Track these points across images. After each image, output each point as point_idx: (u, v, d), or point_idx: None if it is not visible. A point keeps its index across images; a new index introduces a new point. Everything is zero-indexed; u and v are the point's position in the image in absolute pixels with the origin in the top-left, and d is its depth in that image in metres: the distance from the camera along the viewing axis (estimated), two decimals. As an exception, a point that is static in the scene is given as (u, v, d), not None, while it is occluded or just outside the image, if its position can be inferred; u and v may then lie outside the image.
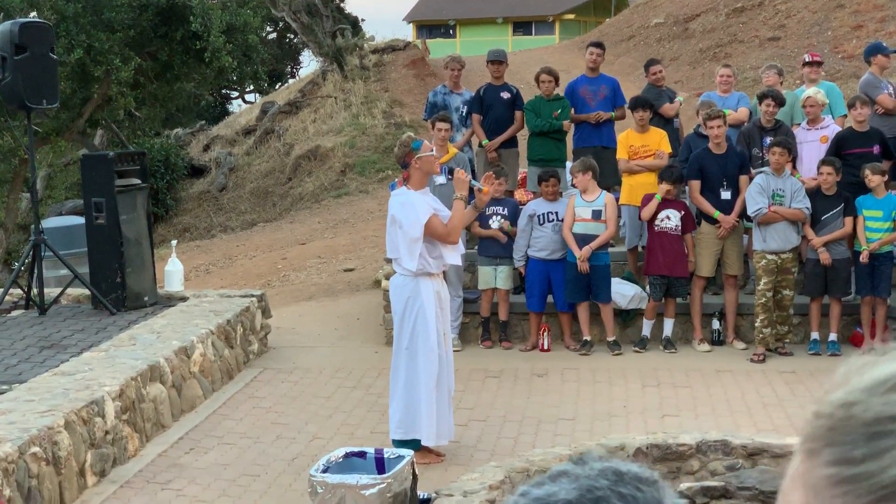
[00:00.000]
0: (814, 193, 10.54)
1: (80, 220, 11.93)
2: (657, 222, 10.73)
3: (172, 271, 11.49)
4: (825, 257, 10.41)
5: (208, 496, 7.21)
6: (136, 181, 10.59)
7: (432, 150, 7.69)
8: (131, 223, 10.41)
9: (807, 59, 12.26)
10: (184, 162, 26.34)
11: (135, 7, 20.91)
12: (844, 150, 10.91)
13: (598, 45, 12.49)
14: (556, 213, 10.85)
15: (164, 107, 25.86)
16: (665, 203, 10.70)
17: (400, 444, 7.48)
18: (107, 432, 7.50)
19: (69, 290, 10.97)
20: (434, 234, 7.53)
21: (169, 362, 8.68)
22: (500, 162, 11.55)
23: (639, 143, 11.32)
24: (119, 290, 10.35)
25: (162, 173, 24.90)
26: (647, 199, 10.77)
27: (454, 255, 7.76)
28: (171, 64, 22.44)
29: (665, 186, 10.65)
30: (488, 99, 11.97)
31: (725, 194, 10.73)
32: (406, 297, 7.64)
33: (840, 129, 11.39)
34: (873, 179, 10.37)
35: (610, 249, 10.98)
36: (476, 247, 11.31)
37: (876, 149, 10.90)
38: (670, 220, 10.71)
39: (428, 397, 7.60)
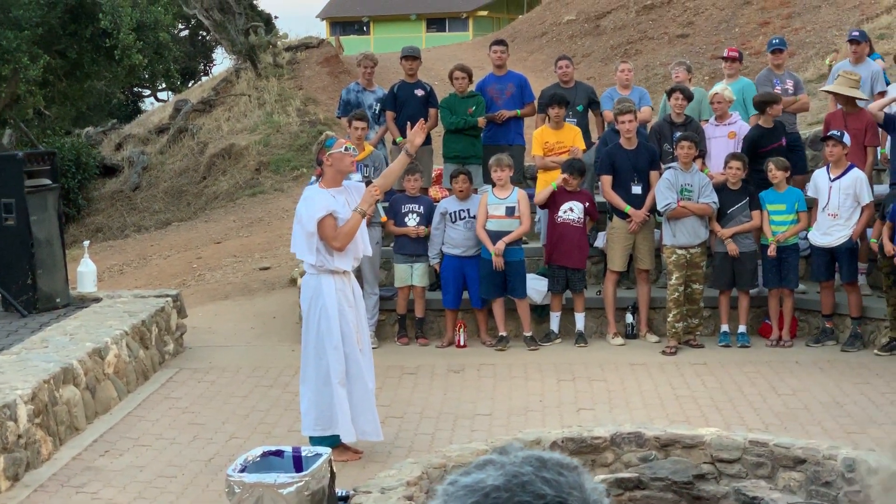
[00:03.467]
0: (719, 188, 10.74)
1: (-11, 221, 11.72)
2: (560, 214, 10.84)
3: (85, 272, 11.34)
4: (733, 248, 10.61)
5: (124, 499, 7.16)
6: (47, 181, 10.44)
7: (347, 148, 7.71)
8: (42, 224, 10.27)
9: (725, 55, 12.53)
10: (96, 161, 25.93)
11: (43, 4, 20.56)
12: (760, 149, 11.12)
13: (501, 42, 12.62)
14: (468, 210, 10.90)
15: (74, 105, 25.50)
16: (568, 195, 10.81)
17: (317, 441, 7.50)
18: (19, 436, 7.41)
19: (-22, 293, 10.79)
20: (322, 234, 7.56)
21: (82, 364, 8.58)
22: (415, 159, 11.58)
23: (553, 139, 11.43)
24: (30, 292, 10.20)
25: (73, 173, 24.50)
26: (549, 192, 10.90)
27: (344, 260, 7.74)
28: (80, 62, 22.12)
29: (566, 178, 10.75)
30: (402, 96, 12.00)
31: (636, 189, 10.88)
32: (310, 297, 7.71)
33: (750, 126, 11.60)
34: (777, 175, 10.60)
35: (524, 245, 11.08)
36: (392, 244, 11.34)
37: (783, 140, 11.18)
38: (573, 211, 10.84)
39: (338, 395, 7.63)
